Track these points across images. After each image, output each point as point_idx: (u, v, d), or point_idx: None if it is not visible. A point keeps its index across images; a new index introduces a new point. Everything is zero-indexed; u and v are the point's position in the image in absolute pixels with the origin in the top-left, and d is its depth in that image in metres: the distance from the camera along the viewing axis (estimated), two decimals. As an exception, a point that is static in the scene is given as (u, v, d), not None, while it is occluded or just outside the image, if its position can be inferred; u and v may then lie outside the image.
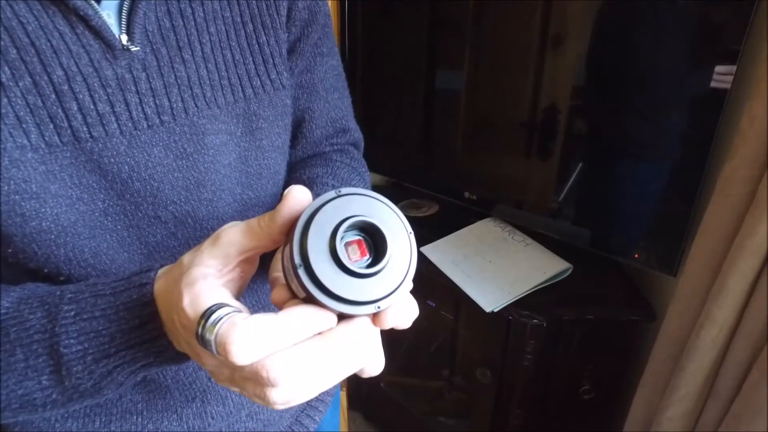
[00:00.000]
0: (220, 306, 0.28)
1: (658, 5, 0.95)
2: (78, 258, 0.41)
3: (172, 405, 0.51)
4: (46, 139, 0.38)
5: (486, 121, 1.38)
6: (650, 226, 1.07)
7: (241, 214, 0.51)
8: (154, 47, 0.42)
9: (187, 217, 0.46)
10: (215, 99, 0.46)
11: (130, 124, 0.41)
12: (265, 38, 0.50)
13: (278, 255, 0.38)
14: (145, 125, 0.42)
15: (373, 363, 0.32)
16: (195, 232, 0.47)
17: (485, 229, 1.35)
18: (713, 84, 0.88)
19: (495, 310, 1.10)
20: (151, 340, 0.34)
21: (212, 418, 0.53)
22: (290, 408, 0.63)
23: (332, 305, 0.28)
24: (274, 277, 0.37)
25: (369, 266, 0.29)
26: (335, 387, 0.69)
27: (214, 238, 0.33)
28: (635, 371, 1.23)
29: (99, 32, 0.39)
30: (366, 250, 0.30)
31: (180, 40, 0.44)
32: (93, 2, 0.38)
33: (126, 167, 0.41)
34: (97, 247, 0.42)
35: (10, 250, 0.39)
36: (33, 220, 0.38)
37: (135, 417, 0.49)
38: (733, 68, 0.84)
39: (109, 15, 0.40)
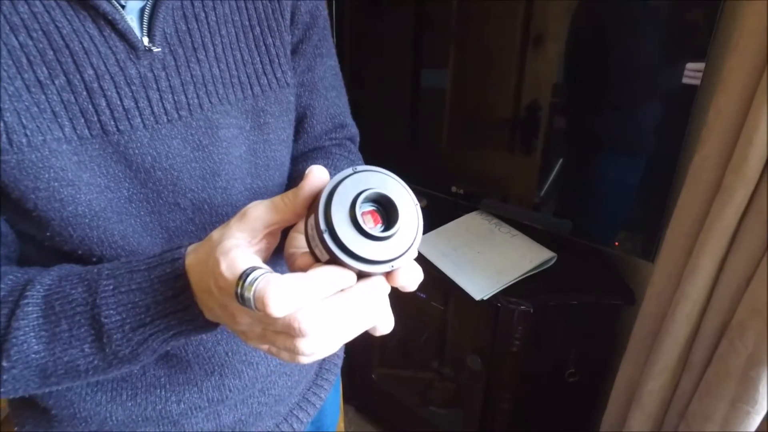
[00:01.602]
0: (254, 268, 0.32)
1: (633, 5, 1.01)
2: (109, 240, 0.45)
3: (193, 378, 0.55)
4: (78, 132, 0.42)
5: (471, 118, 1.43)
6: (629, 215, 1.13)
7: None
8: (172, 48, 0.46)
9: (204, 204, 0.50)
10: (227, 96, 0.50)
11: (152, 119, 0.45)
12: (271, 40, 0.54)
13: (292, 234, 0.42)
14: (165, 119, 0.46)
15: (385, 321, 0.36)
16: (211, 218, 0.51)
17: (473, 222, 1.40)
18: (684, 80, 0.94)
19: (485, 298, 1.15)
20: (183, 309, 0.38)
21: (229, 390, 0.57)
22: (298, 384, 0.66)
23: (353, 264, 0.33)
24: (290, 253, 0.41)
25: (383, 231, 0.33)
26: (337, 366, 0.73)
27: (241, 214, 0.37)
28: (616, 353, 1.29)
29: (124, 35, 0.43)
30: (379, 219, 0.35)
31: (195, 41, 0.47)
32: (119, 7, 0.42)
33: (149, 158, 0.45)
34: (125, 231, 0.46)
35: (48, 234, 0.43)
36: (70, 205, 0.42)
37: (158, 390, 0.53)
38: (702, 65, 0.90)
39: (131, 19, 0.44)
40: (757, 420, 0.76)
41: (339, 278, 0.33)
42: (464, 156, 1.46)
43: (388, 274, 0.35)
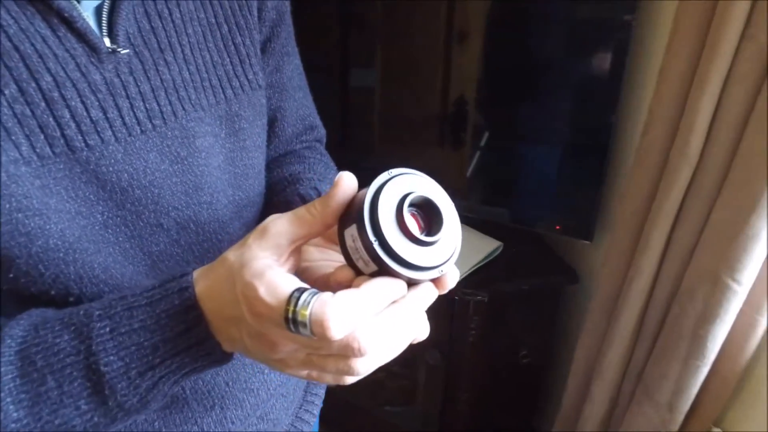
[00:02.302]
0: (303, 289, 0.29)
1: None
2: (89, 275, 0.39)
3: (191, 417, 0.49)
4: (38, 150, 0.35)
5: (400, 115, 1.45)
6: (567, 200, 1.21)
7: (238, 215, 0.51)
8: (137, 50, 0.41)
9: (189, 222, 0.45)
10: (200, 101, 0.45)
11: (124, 130, 0.39)
12: (240, 39, 0.50)
13: (306, 248, 0.39)
14: (139, 130, 0.40)
15: (424, 327, 0.35)
16: (198, 237, 0.46)
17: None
18: (609, 67, 1.03)
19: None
20: (198, 343, 0.34)
21: (231, 422, 0.53)
22: (292, 405, 0.63)
23: (406, 273, 0.31)
24: (303, 267, 0.38)
25: (428, 236, 0.32)
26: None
27: (261, 231, 0.33)
28: (563, 330, 1.38)
29: (83, 35, 0.37)
30: (421, 223, 0.33)
31: (161, 42, 0.43)
32: (75, 3, 0.36)
33: (125, 175, 0.40)
34: (104, 262, 0.40)
35: (11, 275, 0.36)
36: (39, 238, 0.35)
37: None
38: (626, 59, 0.99)
39: (88, 17, 0.38)
40: (704, 372, 0.86)
41: (393, 290, 0.31)
42: (396, 154, 1.48)
43: (436, 280, 0.33)
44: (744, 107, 0.72)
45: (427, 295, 0.33)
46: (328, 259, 0.40)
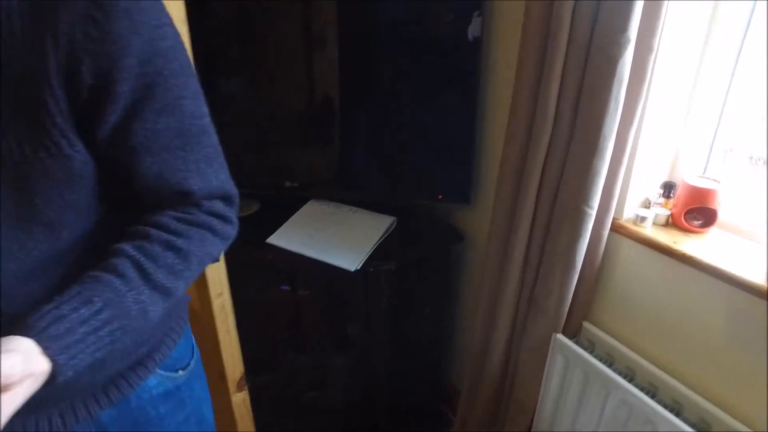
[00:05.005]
0: None
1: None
2: None
3: None
4: None
5: (269, 118, 1.51)
6: (443, 172, 1.44)
7: None
8: None
9: None
10: None
11: None
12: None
13: None
14: None
15: None
16: None
17: (314, 210, 1.51)
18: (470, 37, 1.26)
19: (358, 267, 1.30)
20: None
21: None
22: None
23: None
24: None
25: None
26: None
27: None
28: (454, 281, 1.62)
29: None
30: None
31: None
32: None
33: None
34: None
35: None
36: None
37: None
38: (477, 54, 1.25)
39: None
40: (575, 279, 1.15)
41: None
42: (275, 154, 1.54)
43: None
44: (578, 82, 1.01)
45: None
46: None
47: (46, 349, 0.48)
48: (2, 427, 0.44)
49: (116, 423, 0.69)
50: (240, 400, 1.28)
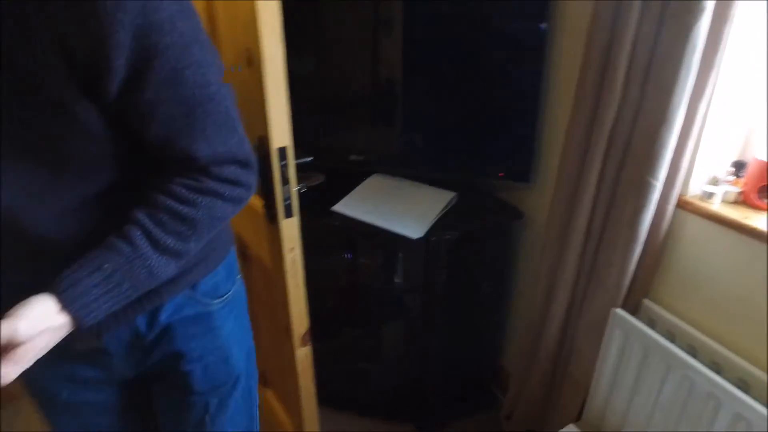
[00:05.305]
0: None
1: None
2: None
3: None
4: None
5: (339, 95, 1.59)
6: (506, 150, 1.47)
7: None
8: None
9: None
10: None
11: None
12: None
13: None
14: None
15: None
16: None
17: (377, 183, 1.58)
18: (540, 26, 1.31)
19: (421, 236, 1.35)
20: None
21: None
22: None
23: None
24: None
25: None
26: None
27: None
28: (512, 257, 1.64)
29: None
30: None
31: None
32: None
33: None
34: None
35: None
36: None
37: None
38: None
39: None
40: (638, 252, 1.16)
41: None
42: (355, 129, 1.62)
43: None
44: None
45: None
46: None
47: (65, 308, 0.59)
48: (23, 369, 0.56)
49: (149, 328, 0.77)
50: (303, 355, 1.35)
